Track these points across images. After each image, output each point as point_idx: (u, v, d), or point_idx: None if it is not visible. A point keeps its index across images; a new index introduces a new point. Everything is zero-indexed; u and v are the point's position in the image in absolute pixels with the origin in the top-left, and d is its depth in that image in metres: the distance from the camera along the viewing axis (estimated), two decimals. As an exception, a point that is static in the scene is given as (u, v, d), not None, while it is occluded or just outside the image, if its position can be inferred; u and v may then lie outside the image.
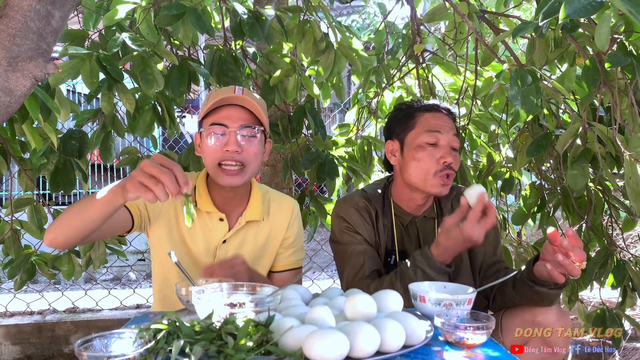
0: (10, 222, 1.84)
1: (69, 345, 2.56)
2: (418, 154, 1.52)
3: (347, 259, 1.53)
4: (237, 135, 1.37)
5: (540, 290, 1.27)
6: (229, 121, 1.38)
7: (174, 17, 1.62)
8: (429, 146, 1.51)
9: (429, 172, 1.50)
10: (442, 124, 1.53)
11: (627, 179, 1.43)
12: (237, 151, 1.37)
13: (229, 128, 1.37)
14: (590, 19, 1.53)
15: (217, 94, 1.41)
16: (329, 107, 7.23)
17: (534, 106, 1.40)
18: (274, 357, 0.84)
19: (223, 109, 1.39)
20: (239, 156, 1.38)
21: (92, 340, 0.83)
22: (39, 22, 1.04)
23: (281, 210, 1.57)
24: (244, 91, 1.42)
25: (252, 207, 1.51)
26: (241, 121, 1.38)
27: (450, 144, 1.52)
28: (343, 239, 1.56)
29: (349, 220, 1.56)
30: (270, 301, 0.98)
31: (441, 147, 1.51)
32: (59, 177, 1.80)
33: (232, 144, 1.36)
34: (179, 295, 1.18)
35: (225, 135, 1.38)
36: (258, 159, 1.43)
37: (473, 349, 0.95)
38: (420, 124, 1.55)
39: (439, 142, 1.51)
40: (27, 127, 1.53)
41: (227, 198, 1.48)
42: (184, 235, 1.47)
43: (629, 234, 3.04)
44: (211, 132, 1.39)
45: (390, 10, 2.36)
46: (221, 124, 1.38)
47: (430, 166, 1.51)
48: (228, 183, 1.39)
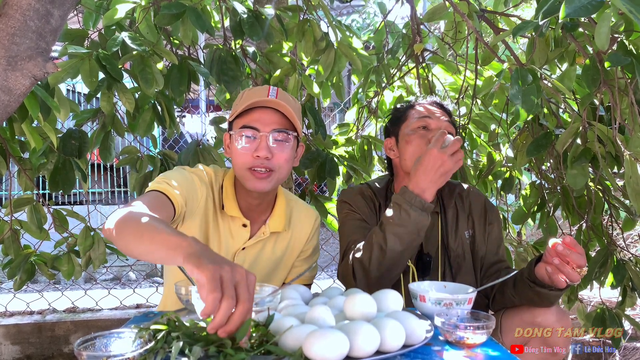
0: (10, 222, 1.83)
1: (68, 345, 2.56)
2: (410, 138, 1.55)
3: (346, 231, 1.53)
4: (268, 140, 1.32)
5: (541, 291, 1.27)
6: (261, 124, 1.32)
7: (174, 17, 1.62)
8: (420, 129, 1.54)
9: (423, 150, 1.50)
10: (431, 110, 1.56)
11: (627, 179, 1.43)
12: (267, 157, 1.32)
13: (260, 132, 1.32)
14: (590, 19, 1.52)
15: (250, 95, 1.35)
16: (329, 106, 7.23)
17: (535, 105, 1.39)
18: (273, 357, 0.84)
19: (255, 110, 1.33)
20: (269, 162, 1.33)
21: (92, 340, 0.83)
22: (38, 21, 1.04)
23: (302, 222, 1.53)
24: (278, 92, 1.35)
25: (276, 216, 1.46)
26: (274, 125, 1.33)
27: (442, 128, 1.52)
28: (346, 219, 1.56)
29: (353, 204, 1.57)
30: (270, 301, 0.98)
31: (432, 130, 1.52)
32: (58, 177, 1.80)
33: (263, 149, 1.31)
34: (178, 294, 1.18)
35: (256, 139, 1.33)
36: (289, 165, 1.37)
37: (473, 349, 0.95)
38: (410, 115, 1.59)
39: (429, 126, 1.54)
40: (26, 126, 1.52)
41: (253, 205, 1.42)
42: (208, 237, 1.42)
43: (629, 234, 3.04)
44: (242, 135, 1.33)
45: (390, 10, 2.36)
46: (253, 127, 1.32)
47: (424, 145, 1.51)
48: (256, 187, 1.34)
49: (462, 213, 1.60)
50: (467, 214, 1.60)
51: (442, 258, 1.56)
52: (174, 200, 1.24)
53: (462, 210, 1.60)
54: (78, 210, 2.08)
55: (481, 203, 1.62)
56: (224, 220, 1.42)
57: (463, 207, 1.61)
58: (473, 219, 1.60)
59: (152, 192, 1.24)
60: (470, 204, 1.61)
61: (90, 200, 6.32)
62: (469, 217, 1.60)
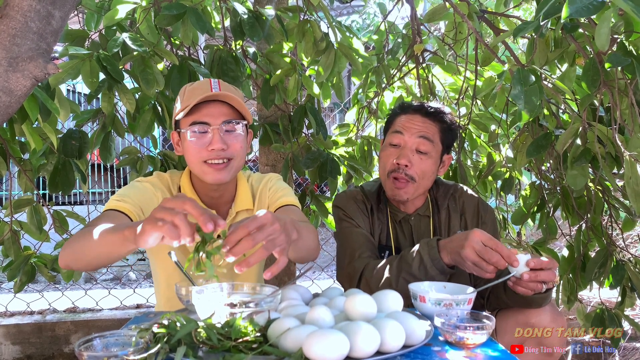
0: (10, 223, 1.83)
1: (69, 345, 2.56)
2: (381, 154, 1.57)
3: (346, 240, 1.54)
4: (221, 132, 1.33)
5: (526, 296, 1.27)
6: (211, 118, 1.33)
7: (174, 17, 1.62)
8: (390, 147, 1.55)
9: (385, 172, 1.54)
10: (409, 125, 1.53)
11: (627, 179, 1.43)
12: (222, 149, 1.32)
13: (211, 126, 1.33)
14: (591, 19, 1.53)
15: (192, 91, 1.34)
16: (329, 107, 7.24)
17: (537, 107, 1.40)
18: (273, 358, 0.84)
19: (202, 106, 1.33)
20: (225, 153, 1.34)
21: (92, 340, 0.83)
22: (39, 22, 1.04)
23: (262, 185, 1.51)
24: (220, 84, 1.35)
25: (241, 196, 1.47)
26: (223, 117, 1.33)
27: (414, 147, 1.51)
28: (342, 226, 1.58)
29: (346, 209, 1.59)
30: (270, 301, 0.98)
31: (401, 149, 1.52)
32: (58, 178, 1.80)
33: (217, 142, 1.32)
34: (179, 295, 1.18)
35: (208, 134, 1.33)
36: (243, 153, 1.39)
37: (473, 349, 0.95)
38: (394, 124, 1.58)
39: (400, 143, 1.53)
40: (26, 127, 1.53)
41: (215, 197, 1.44)
42: None
43: (628, 234, 3.04)
44: (194, 131, 1.33)
45: (390, 10, 2.36)
46: (203, 122, 1.33)
47: (386, 166, 1.53)
48: (215, 179, 1.35)
49: (455, 213, 1.60)
50: (459, 214, 1.61)
51: None
52: (127, 212, 1.27)
53: (454, 211, 1.60)
54: (78, 210, 2.09)
55: (474, 203, 1.62)
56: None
57: (456, 208, 1.61)
58: (466, 219, 1.60)
59: (105, 212, 1.27)
60: (463, 204, 1.61)
61: (91, 201, 6.32)
62: (462, 216, 1.61)
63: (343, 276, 1.51)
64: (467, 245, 1.19)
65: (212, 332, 0.85)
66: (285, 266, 1.07)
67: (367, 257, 1.48)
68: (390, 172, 1.52)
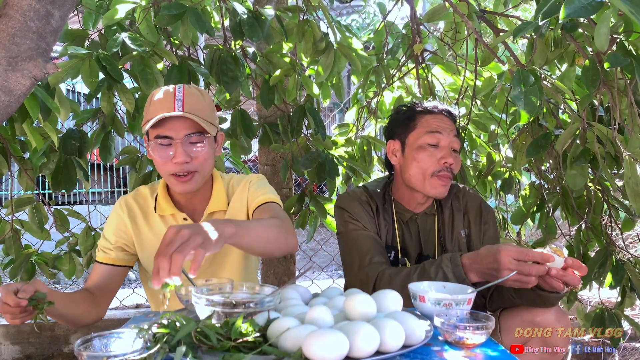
0: (11, 222, 1.83)
1: (68, 345, 2.56)
2: (419, 155, 1.53)
3: (354, 244, 1.53)
4: (184, 145, 1.34)
5: (542, 294, 1.27)
6: (173, 132, 1.34)
7: (174, 17, 1.62)
8: (430, 147, 1.53)
9: (428, 172, 1.52)
10: (442, 125, 1.55)
11: (626, 179, 1.43)
12: (186, 162, 1.34)
13: (174, 139, 1.34)
14: (590, 19, 1.53)
15: (157, 105, 1.34)
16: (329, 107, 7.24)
17: (536, 107, 1.40)
18: (273, 357, 0.84)
19: (166, 119, 1.33)
20: (189, 166, 1.36)
21: (92, 340, 0.83)
22: (39, 22, 1.04)
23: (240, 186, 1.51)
24: (185, 95, 1.35)
25: (215, 199, 1.48)
26: (185, 130, 1.34)
27: (451, 145, 1.54)
28: (347, 228, 1.56)
29: (351, 211, 1.57)
30: (270, 301, 0.98)
31: (442, 148, 1.53)
32: (60, 176, 1.80)
33: (180, 155, 1.33)
34: (178, 295, 1.18)
35: (171, 146, 1.35)
36: (209, 161, 1.41)
37: (473, 349, 0.95)
38: (421, 125, 1.56)
39: (439, 143, 1.53)
40: (27, 126, 1.53)
41: (188, 198, 1.47)
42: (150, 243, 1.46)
43: (628, 234, 3.05)
44: (158, 144, 1.36)
45: (390, 10, 2.36)
46: (166, 136, 1.35)
47: (429, 166, 1.52)
48: (182, 190, 1.39)
49: (458, 213, 1.60)
50: (462, 213, 1.61)
51: None
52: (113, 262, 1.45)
53: (457, 210, 1.61)
54: (78, 210, 2.09)
55: (477, 203, 1.62)
56: (165, 222, 1.47)
57: (459, 207, 1.61)
58: (469, 218, 1.60)
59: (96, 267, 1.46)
60: (466, 204, 1.62)
61: (90, 200, 6.32)
62: (465, 216, 1.61)
63: (354, 282, 1.48)
64: (502, 269, 1.19)
65: (211, 332, 0.85)
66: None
67: (378, 263, 1.46)
68: (437, 172, 1.52)
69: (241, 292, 1.10)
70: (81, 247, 1.90)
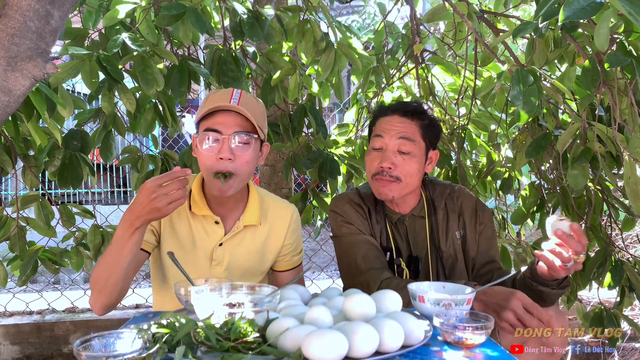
0: (17, 219, 1.84)
1: (68, 345, 2.56)
2: (366, 159, 1.58)
3: (351, 249, 1.53)
4: (230, 142, 1.36)
5: (542, 289, 1.27)
6: (224, 127, 1.35)
7: (174, 17, 1.62)
8: (374, 151, 1.55)
9: (370, 175, 1.56)
10: (388, 127, 1.53)
11: (626, 179, 1.43)
12: (230, 159, 1.35)
13: (222, 134, 1.36)
14: (590, 20, 1.53)
15: (214, 98, 1.38)
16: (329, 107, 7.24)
17: (536, 107, 1.40)
18: (272, 358, 0.84)
19: (219, 114, 1.37)
20: (231, 165, 1.36)
21: (91, 340, 0.83)
22: (38, 22, 1.04)
23: (279, 216, 1.55)
24: (242, 95, 1.38)
25: (250, 211, 1.49)
26: (235, 128, 1.36)
27: (397, 148, 1.51)
28: (342, 231, 1.57)
29: (344, 214, 1.58)
30: (269, 301, 0.98)
31: (384, 151, 1.53)
32: (67, 173, 1.81)
33: (225, 151, 1.34)
34: (178, 295, 1.18)
35: (218, 142, 1.36)
36: (251, 166, 1.41)
37: (472, 349, 0.95)
38: (375, 128, 1.58)
39: (384, 147, 1.53)
40: (31, 124, 1.53)
41: (223, 202, 1.47)
42: (180, 240, 1.46)
43: (627, 234, 3.04)
44: (205, 138, 1.37)
45: (390, 10, 2.36)
46: (215, 130, 1.36)
47: (370, 169, 1.55)
48: (220, 193, 1.39)
49: (453, 214, 1.60)
50: (457, 214, 1.60)
51: (434, 260, 1.56)
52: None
53: (452, 211, 1.60)
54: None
55: (472, 203, 1.61)
56: (196, 221, 1.47)
57: (454, 208, 1.61)
58: (464, 219, 1.60)
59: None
60: (461, 204, 1.61)
61: (90, 200, 6.33)
62: (460, 217, 1.60)
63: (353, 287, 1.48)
64: (509, 308, 1.20)
65: (211, 332, 0.85)
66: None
67: (379, 270, 1.47)
68: (375, 175, 1.53)
69: (240, 292, 1.10)
70: (90, 245, 1.91)
